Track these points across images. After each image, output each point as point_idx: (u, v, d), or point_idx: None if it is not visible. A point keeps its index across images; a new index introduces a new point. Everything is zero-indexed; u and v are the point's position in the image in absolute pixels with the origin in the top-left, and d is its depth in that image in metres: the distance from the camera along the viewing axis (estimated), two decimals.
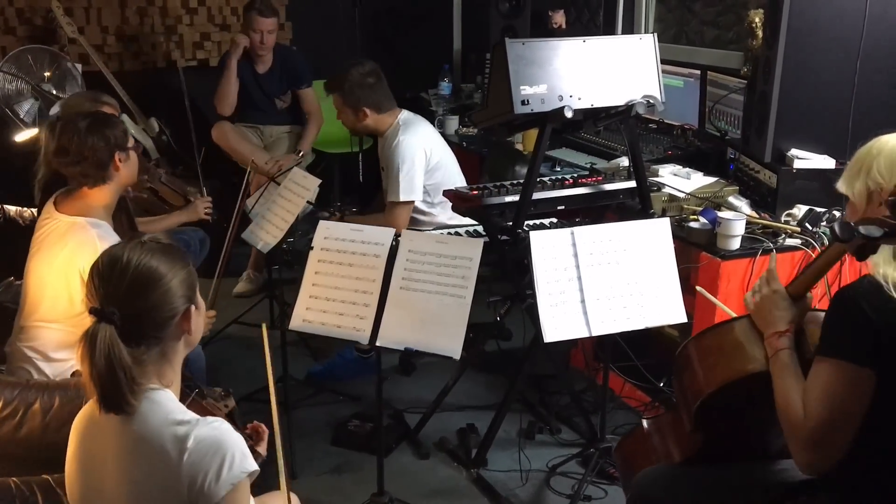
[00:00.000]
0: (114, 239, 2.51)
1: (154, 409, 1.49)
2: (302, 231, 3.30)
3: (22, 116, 3.87)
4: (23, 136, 3.81)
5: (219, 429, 1.48)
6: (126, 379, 1.44)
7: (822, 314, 1.67)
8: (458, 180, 3.47)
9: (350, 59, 3.71)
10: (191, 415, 1.51)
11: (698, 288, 2.34)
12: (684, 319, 2.46)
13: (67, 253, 2.49)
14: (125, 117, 3.56)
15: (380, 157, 3.57)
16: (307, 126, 4.52)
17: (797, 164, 2.93)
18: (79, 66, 4.16)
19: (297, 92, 4.49)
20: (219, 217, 3.44)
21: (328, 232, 2.48)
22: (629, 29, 4.70)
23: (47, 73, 3.96)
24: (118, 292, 1.48)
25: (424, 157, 3.38)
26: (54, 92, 3.96)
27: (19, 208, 3.67)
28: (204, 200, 3.40)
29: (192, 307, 1.57)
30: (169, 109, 4.41)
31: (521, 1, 4.67)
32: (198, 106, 4.33)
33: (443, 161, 3.47)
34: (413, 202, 3.37)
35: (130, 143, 2.65)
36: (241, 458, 1.47)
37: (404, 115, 3.51)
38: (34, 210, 3.69)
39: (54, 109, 3.93)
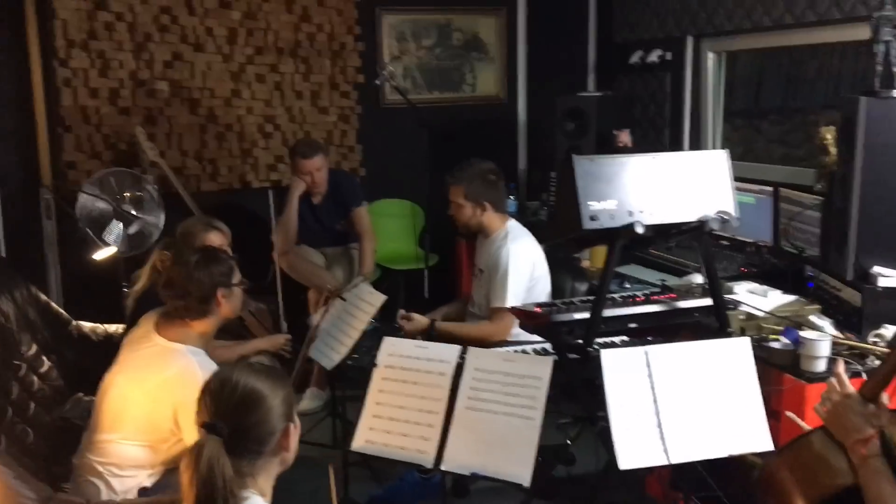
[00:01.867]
0: (212, 367, 2.53)
1: None
2: (366, 348, 3.27)
3: (102, 235, 4.00)
4: (100, 254, 3.94)
5: None
6: (224, 489, 1.57)
7: None
8: (547, 298, 3.46)
9: (415, 176, 3.77)
10: None
11: (788, 413, 2.19)
12: (770, 446, 2.30)
13: (165, 378, 2.51)
14: None
15: (479, 257, 3.63)
16: (362, 247, 4.49)
17: (882, 283, 2.80)
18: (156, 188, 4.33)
19: (350, 213, 4.52)
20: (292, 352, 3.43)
21: (392, 349, 2.44)
22: (696, 148, 4.70)
23: (128, 194, 4.11)
24: (227, 409, 1.66)
25: (532, 268, 3.45)
26: (133, 212, 4.10)
27: (92, 325, 3.75)
28: (284, 335, 3.42)
29: (291, 425, 1.75)
30: (241, 229, 4.51)
31: (586, 121, 4.73)
32: (268, 225, 4.43)
33: (543, 277, 3.52)
34: None
35: (236, 279, 2.71)
36: None
37: (513, 222, 3.60)
38: (107, 327, 3.77)
39: (132, 228, 4.09)
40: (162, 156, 4.57)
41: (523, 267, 3.42)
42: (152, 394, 2.51)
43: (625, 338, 3.06)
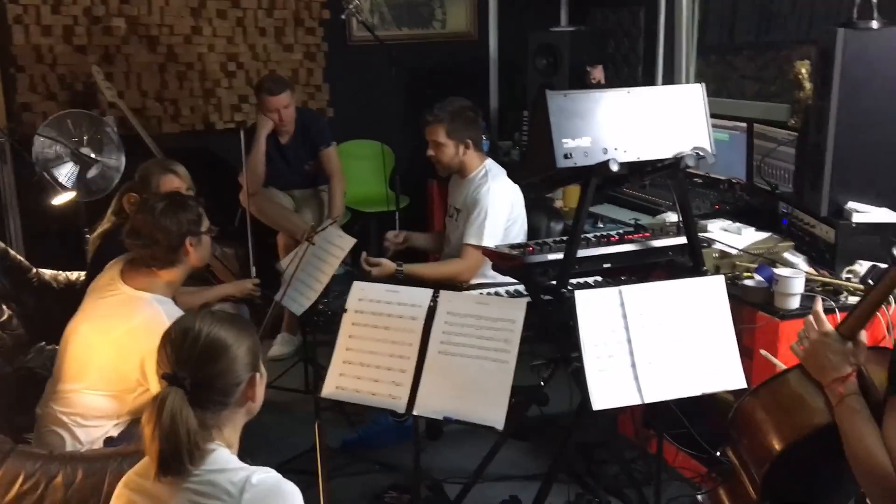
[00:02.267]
0: (179, 315, 2.48)
1: (211, 462, 1.57)
2: (338, 292, 3.22)
3: (60, 180, 3.87)
4: (60, 199, 3.82)
5: (275, 476, 1.57)
6: (188, 442, 1.53)
7: (883, 351, 1.56)
8: (523, 239, 3.40)
9: (384, 116, 3.67)
10: (247, 466, 1.59)
11: (762, 352, 2.19)
12: (743, 384, 2.29)
13: (131, 328, 2.46)
14: None
15: (454, 196, 3.57)
16: (332, 189, 4.38)
17: (856, 218, 2.78)
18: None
19: (319, 153, 4.39)
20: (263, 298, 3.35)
21: (363, 293, 2.38)
22: (669, 84, 4.62)
23: (86, 137, 3.97)
24: (190, 359, 1.60)
25: (510, 208, 3.40)
26: (92, 155, 3.96)
27: (54, 272, 3.65)
28: (252, 280, 3.33)
29: (257, 375, 1.68)
30: (206, 172, 4.39)
31: (558, 58, 4.62)
32: (234, 168, 4.32)
33: (520, 218, 3.47)
34: None
35: (204, 226, 2.64)
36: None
37: (490, 161, 3.53)
38: (69, 274, 3.67)
39: (91, 171, 3.95)
40: (121, 96, 4.41)
41: (502, 206, 3.38)
42: (118, 343, 2.47)
43: (598, 278, 3.02)
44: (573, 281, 2.87)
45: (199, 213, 2.63)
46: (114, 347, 2.47)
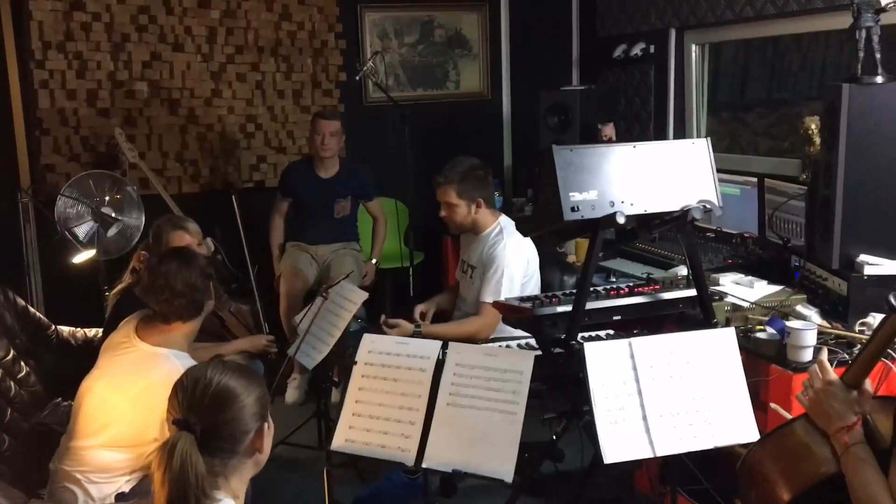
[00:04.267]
0: None
1: None
2: (353, 348, 3.23)
3: (81, 238, 3.95)
4: (80, 257, 3.89)
5: None
6: (196, 487, 1.55)
7: (889, 400, 1.57)
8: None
9: (398, 174, 3.72)
10: None
11: (772, 405, 2.16)
12: (756, 437, 2.26)
13: (150, 384, 2.46)
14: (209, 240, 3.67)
15: (468, 253, 3.59)
16: (377, 230, 4.67)
17: (868, 271, 2.77)
18: (137, 190, 4.27)
19: (365, 203, 4.63)
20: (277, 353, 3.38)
21: (372, 346, 2.39)
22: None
23: (107, 198, 4.06)
24: (200, 405, 1.63)
25: (526, 264, 3.42)
26: (113, 215, 4.05)
27: (72, 329, 3.69)
28: (266, 336, 3.36)
29: (265, 425, 1.71)
30: (224, 230, 4.46)
31: (569, 116, 4.69)
32: (252, 226, 4.39)
33: (535, 274, 3.49)
34: None
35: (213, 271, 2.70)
36: None
37: (504, 217, 3.56)
38: (87, 331, 3.72)
39: (112, 231, 4.03)
40: (142, 157, 4.52)
41: (518, 263, 3.40)
42: (136, 400, 2.47)
43: (610, 331, 3.02)
44: (584, 334, 2.88)
45: (208, 260, 2.70)
46: (132, 404, 2.47)
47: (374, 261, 4.52)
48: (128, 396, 2.49)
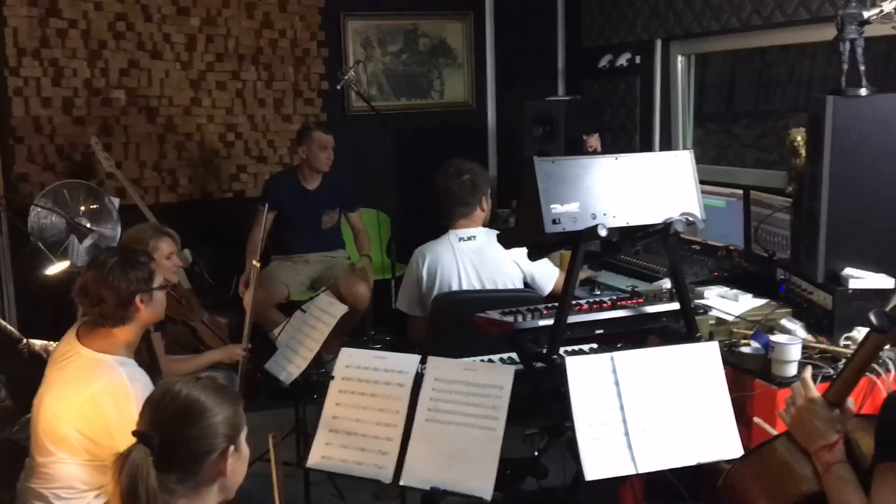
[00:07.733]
0: (142, 377, 2.44)
1: None
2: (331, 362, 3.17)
3: (55, 250, 3.87)
4: (53, 269, 3.81)
5: None
6: (147, 502, 1.49)
7: (871, 418, 1.54)
8: None
9: (381, 184, 3.70)
10: None
11: (756, 419, 2.12)
12: (741, 453, 2.22)
13: (93, 394, 2.38)
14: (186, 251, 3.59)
15: None
16: (360, 242, 4.66)
17: (853, 284, 2.74)
18: (115, 200, 4.19)
19: (348, 214, 4.59)
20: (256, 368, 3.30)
21: (350, 360, 2.33)
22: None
23: (83, 208, 3.99)
24: (164, 419, 1.58)
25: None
26: (88, 225, 3.98)
27: (44, 342, 3.60)
28: (241, 346, 3.27)
29: (232, 448, 1.63)
30: (203, 241, 4.40)
31: (554, 126, 4.66)
32: (231, 237, 4.33)
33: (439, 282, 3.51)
34: None
35: (156, 283, 2.57)
36: None
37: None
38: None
39: (87, 241, 3.95)
40: (119, 166, 4.45)
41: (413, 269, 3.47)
42: (82, 410, 2.38)
43: (594, 345, 2.97)
44: (566, 348, 2.83)
45: (150, 270, 2.54)
46: (79, 415, 2.38)
47: (366, 255, 4.54)
48: (73, 407, 2.40)
